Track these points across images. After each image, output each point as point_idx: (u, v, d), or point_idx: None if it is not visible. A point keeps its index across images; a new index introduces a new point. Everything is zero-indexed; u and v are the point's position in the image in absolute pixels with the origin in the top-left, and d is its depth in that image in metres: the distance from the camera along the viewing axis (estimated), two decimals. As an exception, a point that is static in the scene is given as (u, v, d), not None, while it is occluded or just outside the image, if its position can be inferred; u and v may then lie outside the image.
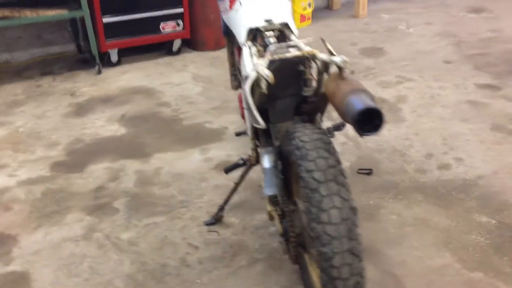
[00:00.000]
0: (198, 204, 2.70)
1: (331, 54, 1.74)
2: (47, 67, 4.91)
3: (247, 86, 1.79)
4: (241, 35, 2.22)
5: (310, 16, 5.87)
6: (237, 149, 3.22)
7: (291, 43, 1.90)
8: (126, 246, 2.43)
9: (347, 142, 3.25)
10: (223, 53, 4.50)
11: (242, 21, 2.24)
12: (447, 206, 2.59)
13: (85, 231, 2.56)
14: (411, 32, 5.37)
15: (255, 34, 2.19)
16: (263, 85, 1.72)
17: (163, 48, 4.99)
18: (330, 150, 1.67)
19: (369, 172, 2.90)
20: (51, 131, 3.64)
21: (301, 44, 1.91)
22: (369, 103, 1.45)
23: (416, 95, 3.88)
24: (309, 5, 5.78)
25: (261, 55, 2.01)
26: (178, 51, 5.00)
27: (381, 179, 2.85)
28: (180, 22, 4.84)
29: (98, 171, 3.08)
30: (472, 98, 3.78)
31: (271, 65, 1.83)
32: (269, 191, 1.90)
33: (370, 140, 3.24)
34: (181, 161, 3.14)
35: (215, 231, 2.48)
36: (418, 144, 3.19)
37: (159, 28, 4.77)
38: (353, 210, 1.60)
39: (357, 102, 1.47)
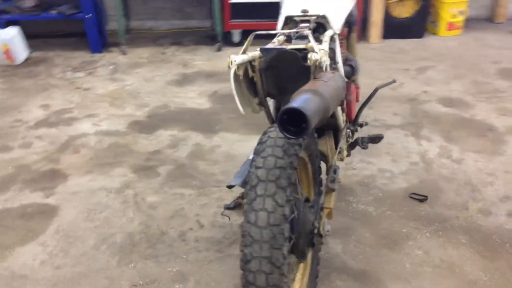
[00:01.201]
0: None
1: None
2: (178, 38, 5.28)
3: (231, 73, 1.74)
4: (279, 23, 2.13)
5: (461, 25, 5.34)
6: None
7: (309, 37, 1.77)
8: (145, 207, 2.53)
9: (418, 163, 2.91)
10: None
11: (282, 8, 2.15)
12: (491, 258, 2.17)
13: (121, 185, 2.73)
14: None
15: (293, 23, 2.09)
16: (239, 71, 1.67)
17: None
18: (289, 152, 1.53)
19: (422, 199, 2.57)
20: (148, 94, 3.92)
21: (312, 39, 1.79)
22: (298, 104, 1.29)
23: (534, 130, 3.30)
24: (461, 13, 5.25)
25: (281, 44, 1.91)
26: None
27: (432, 209, 2.50)
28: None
29: (163, 137, 3.24)
30: None
31: (262, 54, 1.75)
32: (233, 181, 1.81)
33: (446, 166, 2.86)
34: (240, 144, 3.15)
35: (228, 216, 2.44)
36: (501, 183, 2.72)
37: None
38: (285, 218, 1.44)
39: (292, 102, 1.33)
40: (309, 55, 1.52)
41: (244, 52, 1.68)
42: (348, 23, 2.74)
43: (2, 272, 2.11)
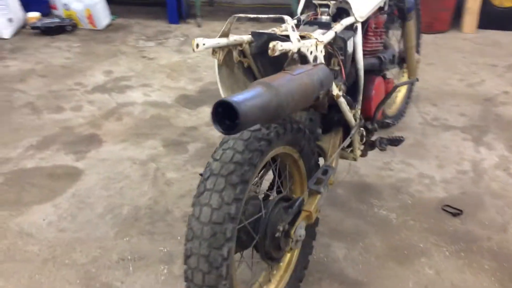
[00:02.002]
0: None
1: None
2: (258, 13, 5.18)
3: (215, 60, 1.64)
4: (300, 6, 1.98)
5: None
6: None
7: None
8: (162, 183, 2.53)
9: (468, 172, 2.59)
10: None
11: None
12: (514, 293, 1.88)
13: (147, 158, 2.75)
14: None
15: (313, 7, 1.93)
16: (219, 56, 1.57)
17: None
18: (251, 147, 1.41)
19: (456, 213, 2.29)
20: (206, 68, 3.90)
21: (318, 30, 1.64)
22: (237, 97, 1.16)
23: None
24: None
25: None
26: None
27: (463, 226, 2.21)
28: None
29: (204, 113, 3.21)
30: None
31: (253, 39, 1.64)
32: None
33: (499, 180, 2.52)
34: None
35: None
36: (559, 207, 2.34)
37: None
38: (231, 218, 1.33)
39: (236, 94, 1.20)
40: (271, 44, 1.37)
41: (224, 36, 1.56)
42: (400, 9, 2.48)
43: (13, 227, 2.23)
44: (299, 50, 1.46)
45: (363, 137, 2.03)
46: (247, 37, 1.63)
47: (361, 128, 2.00)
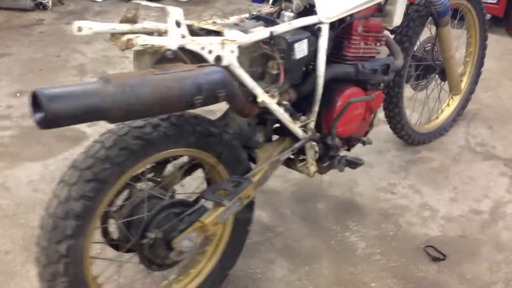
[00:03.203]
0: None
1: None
2: None
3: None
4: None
5: None
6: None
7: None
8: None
9: (482, 213, 2.20)
10: None
11: None
12: None
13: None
14: None
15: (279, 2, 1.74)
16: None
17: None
18: (120, 145, 1.31)
19: (436, 258, 1.95)
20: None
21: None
22: (53, 90, 1.08)
23: None
24: None
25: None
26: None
27: (438, 275, 1.88)
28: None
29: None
30: None
31: None
32: None
33: (515, 229, 2.11)
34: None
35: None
36: None
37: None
38: (76, 215, 1.26)
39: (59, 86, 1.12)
40: (125, 37, 1.23)
41: (128, 21, 1.43)
42: (432, 13, 2.15)
43: (-1, 179, 2.38)
44: (183, 47, 1.31)
45: (317, 153, 1.80)
46: (163, 26, 1.50)
47: (314, 142, 1.77)
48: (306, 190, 2.33)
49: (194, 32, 1.46)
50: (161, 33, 1.46)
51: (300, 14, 1.68)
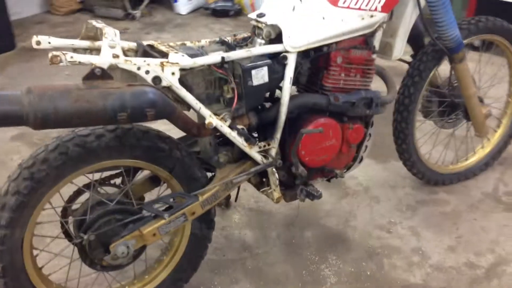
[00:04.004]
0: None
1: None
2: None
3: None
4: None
5: None
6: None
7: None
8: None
9: (479, 268, 2.04)
10: None
11: None
12: None
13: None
14: None
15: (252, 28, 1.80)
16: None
17: None
18: (63, 151, 1.45)
19: (405, 306, 1.85)
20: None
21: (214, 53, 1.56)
22: None
23: None
24: None
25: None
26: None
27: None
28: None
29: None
30: None
31: (138, 47, 1.65)
32: None
33: (508, 291, 1.92)
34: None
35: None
36: None
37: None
38: (10, 209, 1.41)
39: None
40: (50, 54, 1.33)
41: (88, 39, 1.56)
42: (439, 50, 2.06)
43: None
44: (114, 65, 1.40)
45: (277, 180, 1.80)
46: (130, 44, 1.62)
47: (275, 169, 1.78)
48: (302, 216, 2.31)
49: (147, 52, 1.56)
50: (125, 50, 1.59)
51: (272, 41, 1.71)
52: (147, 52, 1.56)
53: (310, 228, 2.26)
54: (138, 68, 1.43)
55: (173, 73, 1.47)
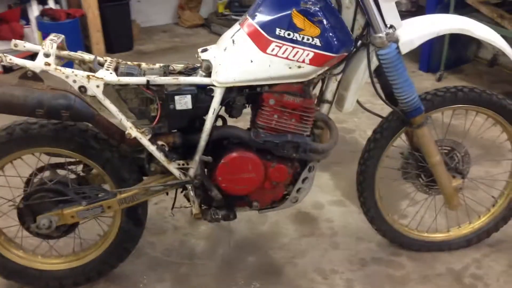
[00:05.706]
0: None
1: None
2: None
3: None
4: None
5: None
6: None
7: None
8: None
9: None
10: None
11: None
12: None
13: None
14: None
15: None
16: None
17: None
18: (9, 132, 1.86)
19: None
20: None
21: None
22: None
23: None
24: None
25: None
26: None
27: None
28: None
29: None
30: None
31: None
32: None
33: None
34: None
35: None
36: None
37: None
38: None
39: None
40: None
41: (58, 48, 1.91)
42: (395, 112, 2.09)
43: None
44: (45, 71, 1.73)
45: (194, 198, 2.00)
46: (87, 56, 1.94)
47: (191, 187, 1.98)
48: (257, 242, 2.48)
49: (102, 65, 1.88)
50: (84, 62, 1.93)
51: (210, 74, 1.91)
52: (101, 64, 1.88)
53: (256, 255, 2.40)
54: (67, 77, 1.75)
55: (97, 86, 1.77)
